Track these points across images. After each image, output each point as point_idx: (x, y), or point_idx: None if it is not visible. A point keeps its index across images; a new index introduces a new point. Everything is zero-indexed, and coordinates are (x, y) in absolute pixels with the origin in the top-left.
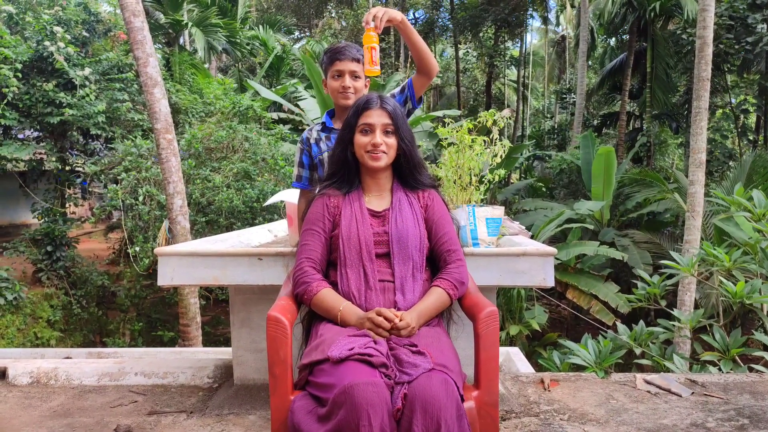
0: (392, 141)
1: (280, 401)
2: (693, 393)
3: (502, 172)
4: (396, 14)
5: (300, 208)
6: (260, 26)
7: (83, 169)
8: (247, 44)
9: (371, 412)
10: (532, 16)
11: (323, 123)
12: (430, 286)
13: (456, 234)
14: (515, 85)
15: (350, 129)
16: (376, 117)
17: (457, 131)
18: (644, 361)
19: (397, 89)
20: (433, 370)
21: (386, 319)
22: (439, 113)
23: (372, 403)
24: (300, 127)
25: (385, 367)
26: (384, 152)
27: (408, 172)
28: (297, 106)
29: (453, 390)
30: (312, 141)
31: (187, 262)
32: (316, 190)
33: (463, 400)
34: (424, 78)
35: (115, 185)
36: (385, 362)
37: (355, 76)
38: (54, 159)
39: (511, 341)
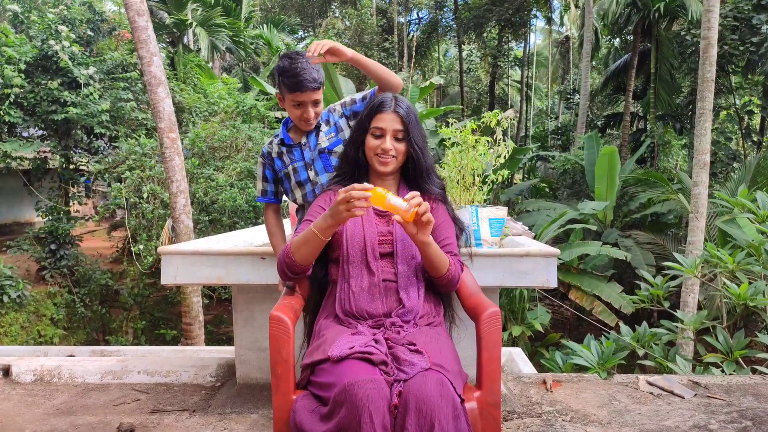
0: (402, 146)
1: (282, 400)
2: (696, 395)
3: (505, 172)
4: (344, 50)
5: (268, 221)
6: (264, 25)
7: (87, 167)
8: (251, 44)
9: (372, 409)
10: (536, 17)
11: (282, 139)
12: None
13: (457, 240)
14: (519, 85)
15: (363, 130)
16: (389, 121)
17: (460, 131)
18: (647, 363)
19: (359, 96)
20: (430, 370)
21: (360, 190)
22: (442, 108)
23: (373, 400)
24: None
25: (385, 365)
26: (394, 157)
27: (415, 177)
28: None
29: (449, 390)
30: (274, 155)
31: (190, 261)
32: (285, 200)
33: (462, 401)
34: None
35: (118, 184)
36: (385, 360)
37: (315, 103)
38: (58, 157)
39: (513, 342)
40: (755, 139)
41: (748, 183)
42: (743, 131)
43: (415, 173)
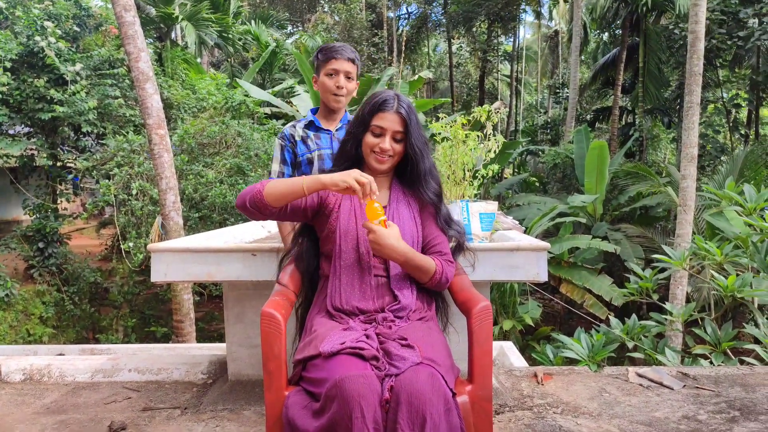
0: (400, 147)
1: (274, 397)
2: (685, 386)
3: (495, 167)
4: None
5: None
6: (253, 21)
7: (75, 164)
8: (240, 39)
9: (363, 404)
10: (525, 11)
11: (311, 121)
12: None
13: (447, 240)
14: (508, 80)
15: (363, 127)
16: (390, 121)
17: (450, 126)
18: (637, 355)
19: None
20: (421, 364)
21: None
22: (431, 100)
23: (364, 395)
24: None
25: (376, 360)
26: (390, 157)
27: (411, 179)
28: (290, 102)
29: (440, 384)
30: (297, 138)
31: (180, 258)
32: None
33: (454, 395)
34: None
35: (107, 181)
36: (376, 355)
37: (348, 77)
38: (45, 155)
39: (504, 335)
40: (742, 132)
41: (736, 176)
42: (731, 124)
43: (411, 176)
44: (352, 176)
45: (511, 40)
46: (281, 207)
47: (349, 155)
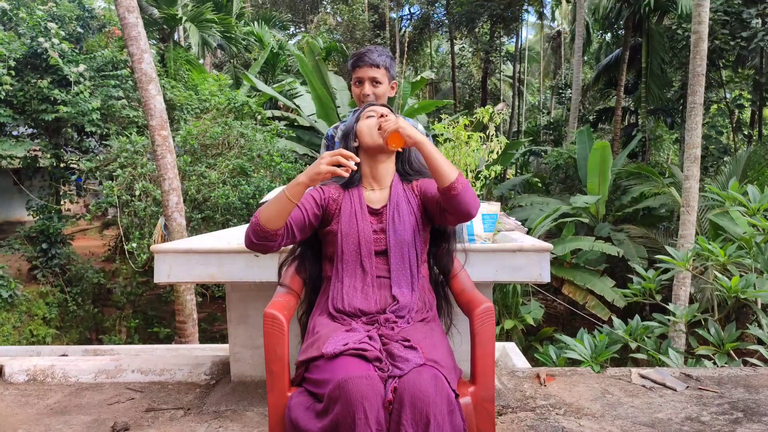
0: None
1: (277, 398)
2: (688, 387)
3: (498, 168)
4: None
5: None
6: (255, 22)
7: (78, 166)
8: (243, 40)
9: (366, 405)
10: (527, 11)
11: None
12: None
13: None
14: (511, 80)
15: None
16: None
17: (453, 127)
18: (640, 356)
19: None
20: (424, 366)
21: (343, 156)
22: (433, 101)
23: (367, 396)
24: (295, 124)
25: (378, 361)
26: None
27: (410, 160)
28: (293, 103)
29: (443, 385)
30: (337, 140)
31: (183, 259)
32: None
33: (457, 396)
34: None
35: (110, 182)
36: (379, 356)
37: (375, 82)
38: (49, 156)
39: (507, 336)
40: (746, 132)
41: (739, 176)
42: (734, 125)
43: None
44: (322, 163)
45: (514, 40)
46: (283, 227)
47: (349, 150)
